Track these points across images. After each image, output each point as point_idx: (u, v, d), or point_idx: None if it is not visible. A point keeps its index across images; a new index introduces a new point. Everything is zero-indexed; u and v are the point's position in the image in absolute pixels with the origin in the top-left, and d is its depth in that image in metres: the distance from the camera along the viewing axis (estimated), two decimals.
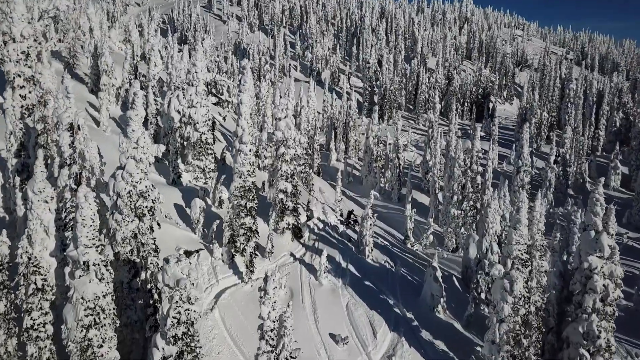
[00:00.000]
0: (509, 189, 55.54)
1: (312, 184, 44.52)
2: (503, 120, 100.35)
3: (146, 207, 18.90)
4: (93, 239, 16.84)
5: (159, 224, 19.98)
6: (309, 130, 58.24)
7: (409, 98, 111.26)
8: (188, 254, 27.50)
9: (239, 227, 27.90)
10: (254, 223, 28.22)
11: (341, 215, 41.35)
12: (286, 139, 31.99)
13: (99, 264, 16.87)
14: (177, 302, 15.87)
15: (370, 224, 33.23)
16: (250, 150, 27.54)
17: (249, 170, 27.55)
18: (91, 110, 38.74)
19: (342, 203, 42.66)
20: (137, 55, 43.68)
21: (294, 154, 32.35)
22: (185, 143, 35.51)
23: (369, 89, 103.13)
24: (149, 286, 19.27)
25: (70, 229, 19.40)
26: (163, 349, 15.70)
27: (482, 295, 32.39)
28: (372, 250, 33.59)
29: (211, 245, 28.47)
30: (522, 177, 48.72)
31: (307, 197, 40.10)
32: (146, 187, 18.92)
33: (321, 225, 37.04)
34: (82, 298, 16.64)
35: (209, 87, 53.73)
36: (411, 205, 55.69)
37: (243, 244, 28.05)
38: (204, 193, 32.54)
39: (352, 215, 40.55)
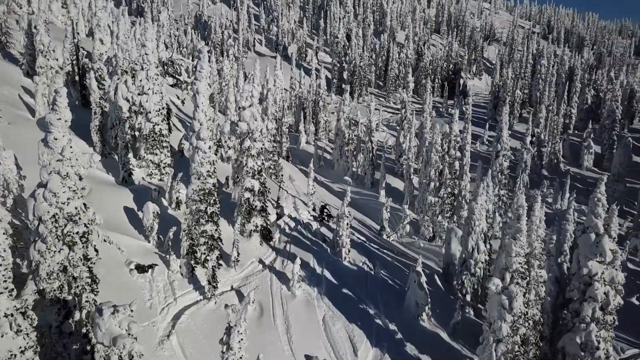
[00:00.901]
0: (485, 172, 53.62)
1: (282, 175, 41.00)
2: (473, 97, 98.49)
3: (77, 233, 15.16)
4: (5, 281, 13.16)
5: (96, 251, 16.27)
6: (277, 112, 54.39)
7: (378, 74, 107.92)
8: (141, 269, 23.96)
9: (199, 235, 24.36)
10: (216, 230, 24.72)
11: (314, 209, 38.14)
12: (252, 130, 28.29)
13: (12, 314, 13.22)
14: None
15: (347, 223, 30.19)
16: (209, 148, 23.81)
17: (208, 171, 23.89)
18: (27, 97, 33.87)
19: (315, 196, 39.39)
20: (78, 33, 38.54)
21: (261, 148, 28.72)
22: (136, 134, 31.34)
23: (338, 65, 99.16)
24: (84, 329, 15.68)
25: None
26: None
27: (468, 297, 30.15)
28: (349, 251, 30.63)
29: (167, 256, 24.87)
30: (501, 161, 46.58)
31: (277, 192, 36.66)
32: (76, 208, 15.14)
33: (293, 224, 33.72)
34: None
35: (166, 66, 48.92)
36: (385, 191, 53.21)
37: (204, 254, 24.56)
38: (158, 193, 28.71)
39: (325, 210, 37.45)
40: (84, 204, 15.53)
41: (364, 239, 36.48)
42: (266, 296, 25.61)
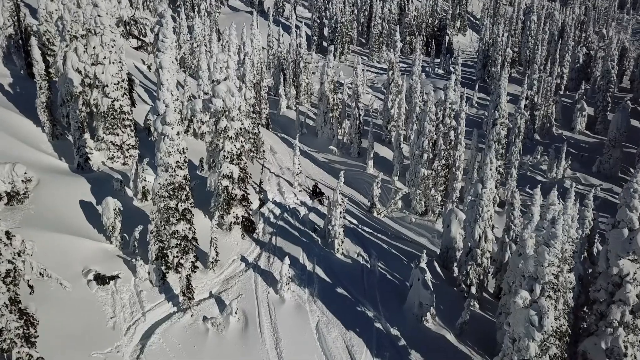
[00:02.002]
0: (480, 139, 50.46)
1: (263, 150, 37.00)
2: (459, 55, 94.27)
3: None
4: None
5: (31, 287, 12.50)
6: (255, 75, 49.64)
7: (360, 31, 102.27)
8: (101, 280, 20.26)
9: (170, 236, 20.62)
10: (190, 229, 20.99)
11: (301, 190, 34.42)
12: (229, 108, 24.11)
13: None
14: None
15: (341, 212, 26.72)
16: (178, 134, 19.76)
17: (178, 162, 19.92)
18: None
19: (301, 175, 35.62)
20: None
21: (240, 128, 24.65)
22: (93, 111, 26.87)
23: (318, 21, 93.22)
24: None
25: None
26: None
27: (473, 290, 27.41)
28: (342, 242, 27.33)
29: (134, 261, 21.18)
30: (499, 130, 43.19)
31: (259, 174, 32.75)
32: None
33: (278, 211, 30.05)
34: None
35: (128, 26, 43.40)
36: (373, 161, 49.81)
37: (177, 257, 20.93)
38: (121, 183, 24.66)
39: (317, 189, 33.91)
40: (7, 233, 11.61)
41: (356, 222, 33.20)
42: (251, 302, 22.29)
